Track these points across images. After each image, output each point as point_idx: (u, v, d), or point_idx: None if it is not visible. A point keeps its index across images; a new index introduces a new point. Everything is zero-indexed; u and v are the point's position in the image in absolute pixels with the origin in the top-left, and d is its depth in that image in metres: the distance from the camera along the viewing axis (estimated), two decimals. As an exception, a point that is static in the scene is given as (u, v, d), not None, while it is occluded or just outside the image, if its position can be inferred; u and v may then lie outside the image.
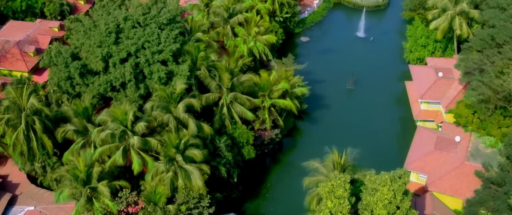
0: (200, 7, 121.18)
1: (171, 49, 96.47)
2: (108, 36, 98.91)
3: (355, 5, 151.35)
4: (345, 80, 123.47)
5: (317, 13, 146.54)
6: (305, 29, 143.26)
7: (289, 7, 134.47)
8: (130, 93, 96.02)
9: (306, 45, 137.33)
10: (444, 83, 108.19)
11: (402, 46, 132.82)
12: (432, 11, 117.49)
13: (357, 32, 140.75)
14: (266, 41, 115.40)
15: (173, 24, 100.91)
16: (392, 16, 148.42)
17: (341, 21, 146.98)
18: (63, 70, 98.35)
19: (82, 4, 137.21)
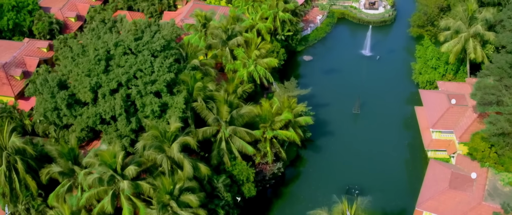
0: (197, 27, 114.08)
1: (165, 79, 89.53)
2: (97, 64, 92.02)
3: (360, 21, 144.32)
4: (351, 104, 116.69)
5: (321, 29, 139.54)
6: (308, 47, 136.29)
7: (291, 25, 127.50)
8: (121, 127, 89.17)
9: (309, 65, 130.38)
10: (457, 111, 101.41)
11: (410, 66, 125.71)
12: (444, 33, 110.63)
13: (362, 50, 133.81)
14: (267, 65, 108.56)
15: (167, 50, 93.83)
16: (399, 32, 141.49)
17: (346, 38, 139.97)
18: (49, 100, 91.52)
19: (72, 21, 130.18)
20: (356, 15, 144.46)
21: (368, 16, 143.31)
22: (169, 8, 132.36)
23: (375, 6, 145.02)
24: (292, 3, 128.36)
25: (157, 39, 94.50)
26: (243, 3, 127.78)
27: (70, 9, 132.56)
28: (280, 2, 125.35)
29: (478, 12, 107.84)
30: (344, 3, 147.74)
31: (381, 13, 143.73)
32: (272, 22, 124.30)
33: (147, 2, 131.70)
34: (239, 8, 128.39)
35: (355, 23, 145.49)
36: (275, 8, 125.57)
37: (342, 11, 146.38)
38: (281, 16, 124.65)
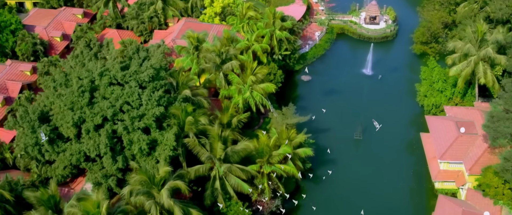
0: (189, 50, 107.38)
1: (154, 114, 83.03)
2: (81, 96, 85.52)
3: (361, 36, 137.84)
4: (352, 129, 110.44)
5: (319, 46, 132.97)
6: (306, 65, 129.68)
7: (289, 43, 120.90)
8: (107, 165, 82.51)
9: (308, 85, 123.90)
10: (466, 140, 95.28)
11: (414, 86, 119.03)
12: (452, 56, 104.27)
13: (363, 69, 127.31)
14: (263, 91, 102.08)
15: (156, 81, 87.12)
16: (401, 48, 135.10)
17: (346, 56, 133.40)
18: (29, 135, 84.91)
19: (58, 41, 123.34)
20: (356, 30, 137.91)
21: (369, 32, 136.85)
22: (159, 26, 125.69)
23: (376, 21, 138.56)
24: (289, 20, 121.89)
25: (145, 68, 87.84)
26: (238, 21, 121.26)
27: (55, 28, 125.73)
28: (276, 20, 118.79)
29: (488, 32, 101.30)
30: (343, 18, 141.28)
31: (383, 29, 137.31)
32: (268, 40, 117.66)
33: (137, 20, 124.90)
34: (234, 26, 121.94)
35: (355, 39, 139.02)
36: (271, 26, 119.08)
37: (341, 26, 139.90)
38: (278, 35, 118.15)
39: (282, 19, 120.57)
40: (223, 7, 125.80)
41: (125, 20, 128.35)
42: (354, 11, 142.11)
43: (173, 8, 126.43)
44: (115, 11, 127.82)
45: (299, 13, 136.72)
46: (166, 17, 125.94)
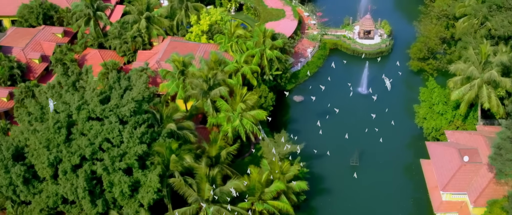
0: (174, 75, 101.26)
1: (136, 152, 76.76)
2: (57, 132, 79.09)
3: (355, 52, 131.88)
4: (348, 154, 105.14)
5: (312, 63, 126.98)
6: (299, 84, 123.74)
7: (280, 63, 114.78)
8: (86, 209, 76.28)
9: (300, 106, 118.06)
10: (470, 170, 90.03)
11: (411, 105, 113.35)
12: (453, 79, 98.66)
13: (358, 88, 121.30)
14: (254, 118, 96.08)
15: (138, 115, 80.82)
16: (396, 64, 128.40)
17: (340, 73, 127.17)
18: (3, 175, 78.57)
19: (37, 63, 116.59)
20: (349, 46, 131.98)
21: (363, 47, 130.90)
22: (143, 46, 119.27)
23: (370, 35, 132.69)
24: (280, 39, 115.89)
25: (126, 101, 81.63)
26: (226, 40, 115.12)
27: (34, 49, 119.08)
28: (267, 39, 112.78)
29: (492, 54, 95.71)
30: (336, 32, 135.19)
31: (377, 43, 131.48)
32: (258, 60, 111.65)
33: (119, 40, 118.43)
34: (222, 46, 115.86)
35: (349, 55, 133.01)
36: (261, 45, 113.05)
37: (334, 42, 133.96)
38: (268, 54, 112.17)
39: (272, 37, 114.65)
40: (210, 25, 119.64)
41: (107, 39, 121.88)
42: (347, 25, 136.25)
43: (158, 26, 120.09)
44: (96, 30, 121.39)
45: (290, 28, 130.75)
46: (150, 36, 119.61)
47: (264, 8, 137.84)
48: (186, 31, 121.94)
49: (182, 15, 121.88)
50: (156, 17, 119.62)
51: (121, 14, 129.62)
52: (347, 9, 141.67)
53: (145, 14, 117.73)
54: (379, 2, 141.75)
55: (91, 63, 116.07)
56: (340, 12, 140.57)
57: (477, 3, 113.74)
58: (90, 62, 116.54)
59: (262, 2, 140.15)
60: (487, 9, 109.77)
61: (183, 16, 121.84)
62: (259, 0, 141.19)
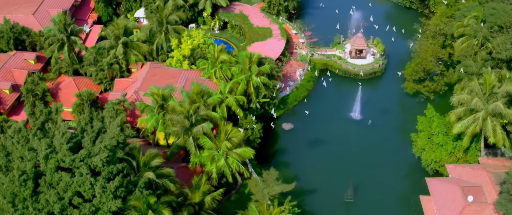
0: (153, 109, 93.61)
1: (110, 209, 69.07)
2: (23, 185, 71.23)
3: (346, 73, 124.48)
4: (341, 188, 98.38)
5: (301, 87, 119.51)
6: (288, 110, 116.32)
7: (267, 89, 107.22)
8: None
9: (290, 135, 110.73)
10: (475, 210, 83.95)
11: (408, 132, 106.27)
12: (456, 111, 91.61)
13: (351, 113, 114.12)
14: (240, 157, 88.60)
15: (112, 165, 73.06)
16: (391, 86, 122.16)
17: (331, 97, 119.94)
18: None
19: (7, 93, 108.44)
20: (341, 66, 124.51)
21: (355, 68, 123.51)
22: (121, 73, 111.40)
23: (362, 55, 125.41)
24: (267, 63, 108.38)
25: (98, 149, 73.84)
26: (210, 66, 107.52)
27: (4, 78, 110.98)
28: (253, 65, 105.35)
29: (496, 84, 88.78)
30: (326, 52, 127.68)
31: (370, 63, 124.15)
32: (244, 87, 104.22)
33: (95, 67, 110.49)
34: (205, 72, 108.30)
35: (340, 76, 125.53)
36: (247, 71, 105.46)
37: (324, 62, 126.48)
38: (255, 81, 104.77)
39: (259, 62, 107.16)
40: (192, 49, 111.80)
41: (82, 66, 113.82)
42: (338, 44, 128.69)
43: (136, 51, 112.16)
44: (71, 56, 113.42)
45: (278, 49, 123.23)
46: (129, 62, 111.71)
47: (249, 27, 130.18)
48: (166, 56, 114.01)
49: (162, 39, 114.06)
50: (134, 42, 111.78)
51: (98, 34, 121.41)
52: (337, 26, 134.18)
53: (122, 40, 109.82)
54: (371, 20, 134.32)
55: (65, 92, 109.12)
56: (330, 30, 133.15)
57: (477, 22, 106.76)
58: (64, 92, 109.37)
59: (247, 20, 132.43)
60: (487, 29, 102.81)
61: (163, 40, 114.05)
62: (244, 18, 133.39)
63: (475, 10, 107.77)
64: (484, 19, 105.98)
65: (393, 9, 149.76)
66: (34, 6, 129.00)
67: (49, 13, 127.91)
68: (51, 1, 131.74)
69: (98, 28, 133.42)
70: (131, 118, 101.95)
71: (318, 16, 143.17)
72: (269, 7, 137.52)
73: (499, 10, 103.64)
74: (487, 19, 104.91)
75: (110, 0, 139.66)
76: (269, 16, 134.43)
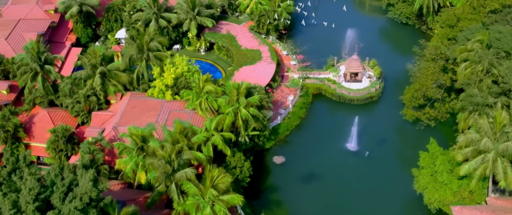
0: (132, 151, 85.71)
1: None
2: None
3: (341, 98, 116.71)
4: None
5: (293, 115, 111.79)
6: (279, 140, 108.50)
7: (257, 121, 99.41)
8: None
9: (282, 170, 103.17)
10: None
11: (408, 164, 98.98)
12: (462, 151, 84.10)
13: (347, 144, 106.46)
14: (227, 204, 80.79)
15: (83, 228, 65.16)
16: (389, 112, 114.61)
17: (325, 125, 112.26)
18: None
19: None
20: (335, 91, 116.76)
21: (350, 93, 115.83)
22: (99, 105, 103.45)
23: (358, 78, 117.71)
24: (256, 94, 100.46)
25: (68, 211, 65.76)
26: (194, 97, 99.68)
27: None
28: (241, 96, 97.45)
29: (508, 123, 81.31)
30: (319, 75, 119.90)
31: (366, 88, 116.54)
32: (232, 118, 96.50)
33: (71, 98, 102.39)
34: (190, 103, 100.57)
35: (334, 101, 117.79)
36: (235, 103, 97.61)
37: (317, 86, 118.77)
38: (243, 114, 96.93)
39: (248, 93, 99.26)
40: (176, 78, 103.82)
41: (58, 96, 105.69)
42: (331, 66, 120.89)
43: (115, 81, 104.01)
44: (45, 86, 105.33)
45: (268, 73, 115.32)
46: (107, 93, 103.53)
47: (237, 50, 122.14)
48: (148, 85, 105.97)
49: (143, 67, 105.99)
50: (113, 72, 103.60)
51: (74, 63, 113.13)
52: (330, 46, 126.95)
53: (99, 70, 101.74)
54: (366, 38, 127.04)
55: (39, 127, 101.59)
56: (323, 50, 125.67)
57: (482, 47, 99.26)
58: (38, 126, 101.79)
59: (235, 42, 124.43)
60: (493, 56, 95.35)
61: (143, 68, 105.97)
62: (231, 39, 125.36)
63: (480, 33, 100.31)
64: (489, 43, 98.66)
65: (389, 25, 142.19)
66: (7, 30, 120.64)
67: (23, 37, 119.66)
68: (25, 25, 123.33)
69: (77, 51, 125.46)
70: (109, 156, 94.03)
71: (310, 34, 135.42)
72: (258, 26, 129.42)
73: (506, 34, 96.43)
74: (493, 44, 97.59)
75: (90, 21, 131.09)
76: (258, 37, 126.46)
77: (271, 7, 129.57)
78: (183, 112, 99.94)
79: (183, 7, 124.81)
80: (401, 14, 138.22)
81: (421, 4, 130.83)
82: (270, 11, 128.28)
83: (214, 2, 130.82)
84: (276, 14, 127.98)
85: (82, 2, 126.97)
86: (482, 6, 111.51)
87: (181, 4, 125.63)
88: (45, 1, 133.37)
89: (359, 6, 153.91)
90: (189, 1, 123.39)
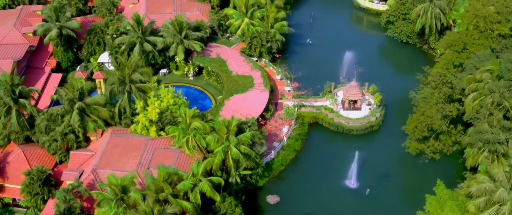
0: (111, 202, 77.83)
1: None
2: None
3: (339, 128, 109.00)
4: None
5: (288, 147, 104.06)
6: (273, 177, 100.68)
7: (249, 159, 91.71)
8: None
9: (277, 211, 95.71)
10: None
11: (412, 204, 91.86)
12: (475, 202, 76.63)
13: (346, 180, 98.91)
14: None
15: None
16: (390, 141, 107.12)
17: (323, 159, 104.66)
18: None
19: None
20: (332, 120, 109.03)
21: (349, 122, 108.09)
22: (78, 143, 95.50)
23: (357, 106, 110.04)
24: (248, 130, 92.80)
25: None
26: (181, 135, 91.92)
27: None
28: (230, 134, 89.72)
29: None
30: (315, 102, 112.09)
31: (366, 117, 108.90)
32: (222, 156, 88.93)
33: (47, 136, 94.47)
34: (176, 141, 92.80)
35: (332, 131, 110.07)
36: (224, 141, 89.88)
37: (314, 115, 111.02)
38: (234, 153, 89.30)
39: (238, 130, 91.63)
40: (161, 112, 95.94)
41: (34, 132, 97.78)
42: (328, 93, 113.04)
43: (95, 116, 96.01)
44: (20, 121, 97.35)
45: (261, 103, 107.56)
46: (86, 130, 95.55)
47: (227, 76, 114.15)
48: (130, 120, 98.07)
49: (125, 101, 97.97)
50: (92, 106, 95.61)
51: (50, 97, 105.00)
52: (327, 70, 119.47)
53: (77, 105, 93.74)
54: (364, 59, 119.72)
55: (14, 167, 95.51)
56: (320, 74, 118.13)
57: (492, 77, 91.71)
58: (13, 166, 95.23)
59: (225, 67, 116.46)
60: (506, 88, 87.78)
61: (125, 102, 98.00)
62: (221, 64, 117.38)
63: (490, 62, 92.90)
64: (500, 74, 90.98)
65: (388, 43, 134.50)
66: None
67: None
68: (1, 51, 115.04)
69: (57, 77, 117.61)
70: (88, 203, 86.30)
71: (306, 56, 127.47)
72: (250, 48, 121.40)
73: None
74: (504, 74, 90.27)
75: (71, 44, 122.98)
76: (250, 61, 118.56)
77: (263, 28, 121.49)
78: (169, 150, 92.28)
79: (170, 29, 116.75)
80: (401, 32, 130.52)
81: (423, 24, 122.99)
82: (262, 32, 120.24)
83: (203, 23, 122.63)
84: (269, 36, 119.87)
85: (62, 25, 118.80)
86: (490, 30, 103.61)
87: (167, 27, 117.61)
88: (23, 23, 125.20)
89: (356, 22, 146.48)
90: (176, 23, 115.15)
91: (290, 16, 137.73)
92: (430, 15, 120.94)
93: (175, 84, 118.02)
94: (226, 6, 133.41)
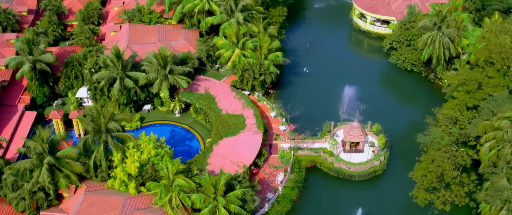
0: None
1: None
2: None
3: (340, 174, 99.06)
4: None
5: (284, 198, 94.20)
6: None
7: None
8: None
9: None
10: None
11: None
12: None
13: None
14: None
15: None
16: (395, 189, 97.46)
17: (322, 210, 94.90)
18: None
19: None
20: (332, 165, 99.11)
21: (350, 167, 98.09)
22: (48, 202, 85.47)
23: (359, 148, 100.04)
24: (238, 187, 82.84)
25: None
26: (163, 193, 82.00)
27: None
28: (218, 195, 79.72)
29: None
30: (313, 144, 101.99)
31: (369, 161, 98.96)
32: None
33: (15, 193, 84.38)
34: (157, 199, 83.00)
35: (332, 177, 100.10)
36: (212, 201, 79.93)
37: (312, 158, 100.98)
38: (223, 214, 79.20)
39: (227, 188, 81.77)
40: (141, 165, 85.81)
41: (1, 187, 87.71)
42: (327, 133, 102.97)
43: (68, 171, 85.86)
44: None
45: (253, 147, 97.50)
46: (58, 187, 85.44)
47: (217, 115, 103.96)
48: (107, 175, 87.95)
49: (101, 154, 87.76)
50: (64, 160, 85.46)
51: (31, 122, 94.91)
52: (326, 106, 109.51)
53: (47, 160, 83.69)
54: (367, 94, 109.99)
55: None
56: (318, 112, 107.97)
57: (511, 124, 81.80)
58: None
59: (214, 104, 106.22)
60: (526, 136, 78.16)
61: (101, 155, 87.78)
62: (210, 101, 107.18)
63: (509, 108, 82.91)
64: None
65: (391, 70, 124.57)
66: None
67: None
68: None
69: (31, 116, 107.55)
70: None
71: (303, 90, 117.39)
72: (242, 82, 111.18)
73: (541, 111, 78.94)
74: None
75: (46, 78, 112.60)
76: (241, 96, 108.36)
77: (256, 60, 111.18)
78: (149, 211, 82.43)
79: (153, 63, 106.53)
80: (406, 60, 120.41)
81: (430, 54, 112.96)
82: (255, 64, 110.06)
83: (190, 55, 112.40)
84: (262, 69, 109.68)
85: (35, 59, 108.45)
86: (507, 67, 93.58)
87: (150, 60, 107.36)
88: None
89: (356, 46, 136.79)
90: (160, 57, 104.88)
91: (285, 41, 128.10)
92: (438, 45, 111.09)
93: (160, 123, 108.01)
94: (215, 32, 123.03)
